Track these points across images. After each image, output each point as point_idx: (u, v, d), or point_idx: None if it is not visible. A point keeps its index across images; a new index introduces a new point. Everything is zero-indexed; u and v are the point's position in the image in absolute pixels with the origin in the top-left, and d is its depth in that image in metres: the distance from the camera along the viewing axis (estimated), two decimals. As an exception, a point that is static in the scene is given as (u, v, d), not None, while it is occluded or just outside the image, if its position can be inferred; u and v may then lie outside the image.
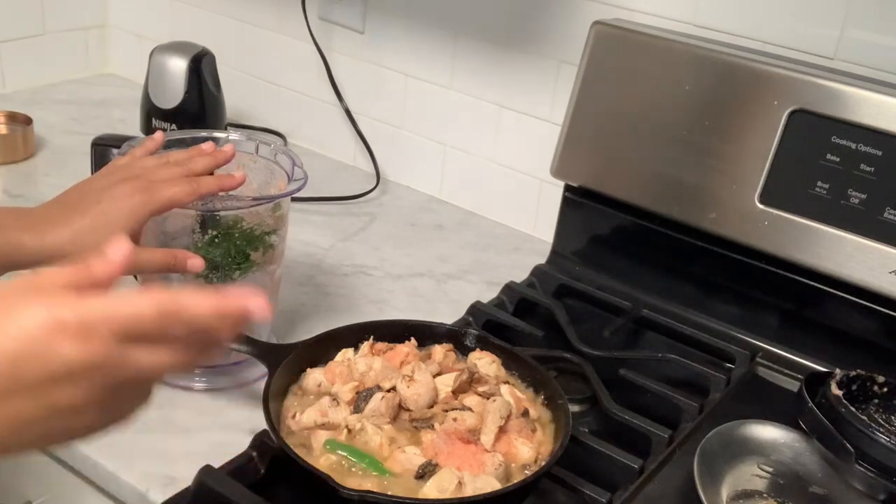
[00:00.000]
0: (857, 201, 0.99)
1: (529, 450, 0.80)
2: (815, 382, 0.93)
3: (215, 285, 0.92)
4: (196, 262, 0.85)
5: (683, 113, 1.08)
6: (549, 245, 1.26)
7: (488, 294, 1.16)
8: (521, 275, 1.21)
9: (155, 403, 0.92)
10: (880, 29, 1.04)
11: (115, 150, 0.96)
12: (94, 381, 0.49)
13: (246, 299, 0.52)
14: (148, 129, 1.36)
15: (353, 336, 0.92)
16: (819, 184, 1.01)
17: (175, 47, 1.36)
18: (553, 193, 1.28)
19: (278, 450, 0.78)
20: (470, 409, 0.82)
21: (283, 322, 1.07)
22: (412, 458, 0.77)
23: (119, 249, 0.52)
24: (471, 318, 1.07)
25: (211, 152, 0.89)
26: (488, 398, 0.84)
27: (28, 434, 0.50)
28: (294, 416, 0.82)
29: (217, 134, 0.99)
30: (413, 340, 0.93)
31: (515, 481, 0.76)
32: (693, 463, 0.83)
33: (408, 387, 0.83)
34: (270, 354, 0.87)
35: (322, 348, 0.91)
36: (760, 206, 1.04)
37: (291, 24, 1.52)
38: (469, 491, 0.74)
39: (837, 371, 0.93)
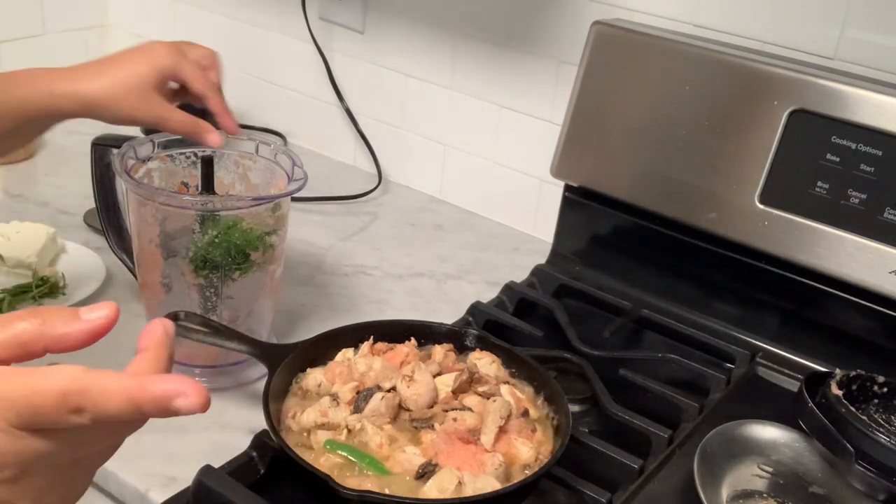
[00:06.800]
0: (857, 201, 0.99)
1: (529, 450, 0.80)
2: (815, 382, 0.92)
3: (215, 285, 0.92)
4: (214, 138, 0.89)
5: (683, 113, 1.08)
6: (549, 245, 1.26)
7: (488, 294, 1.16)
8: (521, 275, 1.21)
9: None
10: (880, 29, 1.04)
11: (114, 150, 0.96)
12: None
13: (171, 389, 0.41)
14: (148, 129, 1.36)
15: (353, 336, 0.92)
16: (819, 184, 1.01)
17: (175, 47, 1.36)
18: (553, 193, 1.28)
19: (278, 450, 0.78)
20: (470, 409, 0.82)
21: (283, 322, 1.07)
22: (412, 458, 0.77)
23: (101, 313, 0.43)
24: (471, 318, 1.07)
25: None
26: (488, 398, 0.84)
27: None
28: (294, 416, 0.82)
29: (217, 134, 0.99)
30: (413, 340, 0.93)
31: (515, 481, 0.76)
32: (693, 463, 0.83)
33: (408, 387, 0.83)
34: (270, 354, 0.87)
35: (322, 348, 0.91)
36: (760, 206, 1.04)
37: (291, 24, 1.52)
38: (469, 491, 0.74)
39: (837, 371, 0.93)
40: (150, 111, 0.86)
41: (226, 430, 0.90)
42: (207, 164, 0.96)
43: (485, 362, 0.90)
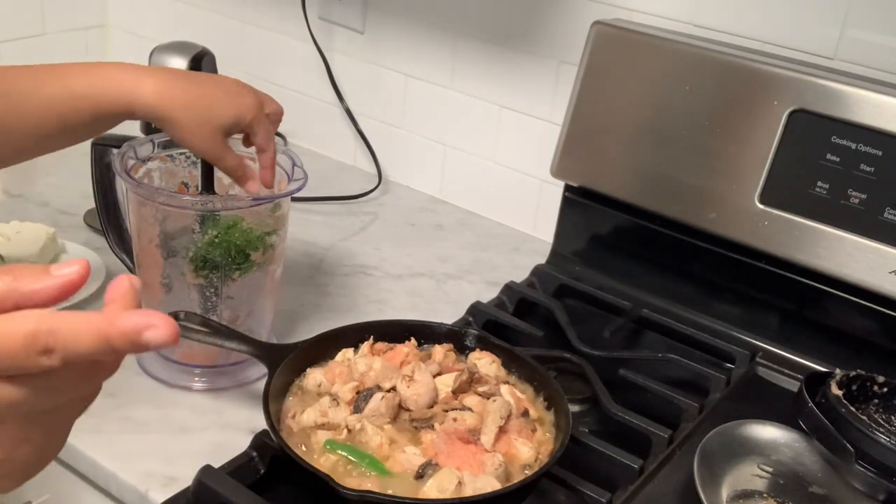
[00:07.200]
0: (857, 201, 0.99)
1: (529, 450, 0.80)
2: (815, 382, 0.93)
3: (215, 285, 0.92)
4: (254, 186, 0.91)
5: (683, 113, 1.08)
6: (549, 245, 1.26)
7: (488, 294, 1.16)
8: (521, 275, 1.21)
9: (155, 403, 0.93)
10: (880, 29, 1.04)
11: (114, 150, 0.96)
12: None
13: (140, 322, 0.40)
14: (148, 129, 1.36)
15: (353, 336, 0.92)
16: (819, 184, 1.01)
17: (175, 47, 1.36)
18: (553, 193, 1.28)
19: (278, 450, 0.78)
20: (470, 409, 0.82)
21: (283, 322, 1.07)
22: (412, 458, 0.77)
23: (71, 269, 0.42)
24: (471, 318, 1.07)
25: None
26: (488, 398, 0.84)
27: None
28: (294, 416, 0.82)
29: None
30: (413, 340, 0.93)
31: (515, 481, 0.76)
32: (693, 463, 0.83)
33: (408, 387, 0.83)
34: (270, 354, 0.87)
35: (322, 348, 0.91)
36: (760, 206, 1.04)
37: (291, 24, 1.52)
38: (469, 491, 0.74)
39: (837, 371, 0.93)
40: (210, 147, 0.89)
41: (226, 430, 0.90)
42: (207, 164, 0.96)
43: (485, 362, 0.90)
